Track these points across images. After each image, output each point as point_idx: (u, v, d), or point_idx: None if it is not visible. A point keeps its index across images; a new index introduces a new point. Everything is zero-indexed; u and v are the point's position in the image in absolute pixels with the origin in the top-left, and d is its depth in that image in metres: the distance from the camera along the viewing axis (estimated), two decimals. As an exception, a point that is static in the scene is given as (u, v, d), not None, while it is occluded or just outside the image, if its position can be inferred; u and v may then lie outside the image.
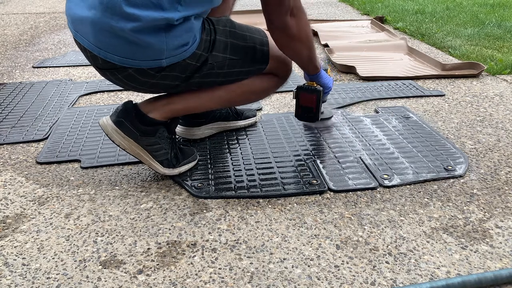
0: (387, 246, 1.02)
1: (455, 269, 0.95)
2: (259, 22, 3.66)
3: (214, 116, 1.57)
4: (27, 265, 0.98)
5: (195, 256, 1.00)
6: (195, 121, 1.54)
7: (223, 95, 1.33)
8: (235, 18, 1.36)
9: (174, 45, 1.11)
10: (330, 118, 1.65)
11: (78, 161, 1.42)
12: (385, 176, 1.29)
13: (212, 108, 1.38)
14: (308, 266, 0.96)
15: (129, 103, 1.23)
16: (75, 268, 0.97)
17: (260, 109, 1.82)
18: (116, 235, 1.07)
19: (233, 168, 1.35)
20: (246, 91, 1.36)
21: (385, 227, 1.09)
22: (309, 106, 1.47)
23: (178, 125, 1.55)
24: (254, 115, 1.68)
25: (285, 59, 1.36)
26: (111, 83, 1.41)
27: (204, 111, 1.43)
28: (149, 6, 1.06)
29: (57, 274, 0.95)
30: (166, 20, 1.07)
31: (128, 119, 1.21)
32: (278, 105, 1.87)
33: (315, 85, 1.45)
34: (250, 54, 1.28)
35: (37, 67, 2.45)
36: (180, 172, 1.32)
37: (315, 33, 3.03)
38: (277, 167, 1.35)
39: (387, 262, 0.97)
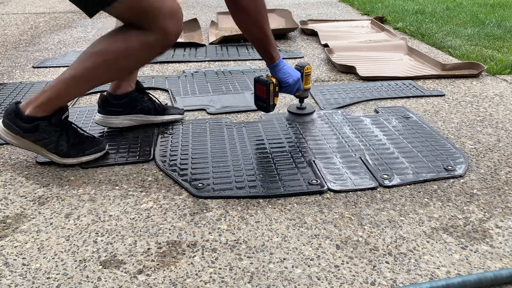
0: (387, 246, 1.02)
1: (455, 269, 0.95)
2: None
3: (134, 108, 1.59)
4: (27, 265, 0.98)
5: (195, 256, 1.00)
6: (112, 110, 1.57)
7: (78, 73, 1.24)
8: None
9: None
10: (311, 113, 1.68)
11: (78, 161, 1.42)
12: (385, 176, 1.29)
13: (84, 91, 1.32)
14: (308, 266, 0.96)
15: (12, 104, 1.30)
16: (75, 268, 0.97)
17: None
18: (116, 235, 1.07)
19: (233, 168, 1.35)
20: (105, 61, 1.22)
21: (385, 227, 1.09)
22: (261, 97, 1.53)
23: (97, 113, 1.59)
24: (180, 113, 1.70)
25: (153, 6, 1.11)
26: None
27: (78, 95, 1.36)
28: None
29: (57, 274, 0.95)
30: None
31: (10, 119, 1.28)
32: (278, 105, 1.87)
33: (271, 77, 1.51)
34: None
35: (37, 67, 2.45)
36: (80, 161, 1.37)
37: (315, 33, 3.03)
38: (277, 167, 1.35)
39: (387, 262, 0.97)
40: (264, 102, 1.53)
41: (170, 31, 1.19)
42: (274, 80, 1.50)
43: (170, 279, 0.93)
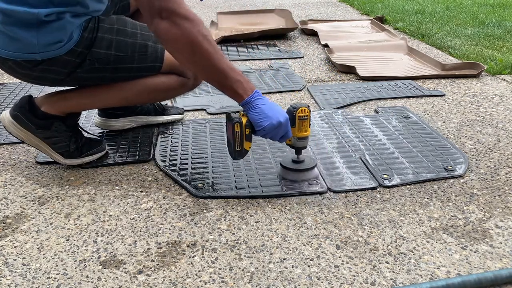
0: (387, 246, 1.02)
1: (455, 269, 0.95)
2: (259, 22, 3.66)
3: (134, 110, 1.60)
4: (27, 265, 0.98)
5: (195, 256, 1.00)
6: (113, 113, 1.58)
7: (118, 93, 1.36)
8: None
9: (46, 41, 1.16)
10: (311, 169, 1.29)
11: (78, 161, 1.42)
12: (385, 176, 1.29)
13: (109, 105, 1.44)
14: (308, 266, 0.96)
15: (25, 97, 1.30)
16: (75, 268, 0.97)
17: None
18: (116, 235, 1.07)
19: (233, 169, 1.35)
20: (143, 90, 1.37)
21: (385, 227, 1.09)
22: (228, 137, 1.21)
23: (97, 116, 1.60)
24: (180, 113, 1.71)
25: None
26: None
27: (101, 107, 1.52)
28: (17, 1, 1.12)
29: (57, 274, 0.95)
30: (34, 15, 1.12)
31: (22, 112, 1.28)
32: (278, 105, 1.87)
33: (242, 115, 1.18)
34: (140, 51, 1.30)
35: (37, 67, 2.45)
36: (83, 162, 1.37)
37: (315, 33, 3.03)
38: (277, 167, 1.35)
39: (387, 262, 0.97)
40: (229, 145, 1.21)
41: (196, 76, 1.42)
42: (244, 119, 1.16)
43: (170, 279, 0.93)
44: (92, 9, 1.21)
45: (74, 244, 1.04)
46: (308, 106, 1.23)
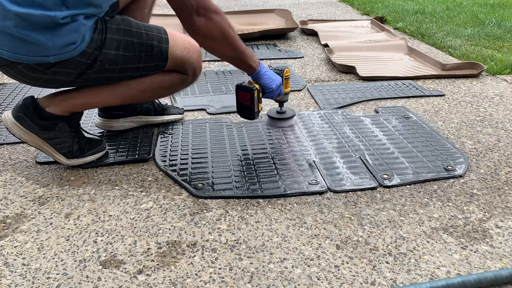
0: (387, 246, 1.02)
1: (455, 269, 0.95)
2: (259, 22, 3.66)
3: (134, 110, 1.61)
4: (27, 265, 0.98)
5: (195, 256, 1.00)
6: (113, 113, 1.58)
7: (123, 91, 1.37)
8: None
9: (61, 44, 1.16)
10: (291, 117, 1.65)
11: (78, 161, 1.42)
12: (385, 176, 1.29)
13: (114, 104, 1.44)
14: (308, 266, 0.96)
15: (28, 98, 1.30)
16: (75, 268, 0.97)
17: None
18: (116, 235, 1.07)
19: (233, 168, 1.35)
20: (147, 88, 1.39)
21: (385, 227, 1.09)
22: (245, 104, 1.48)
23: (97, 117, 1.60)
24: (180, 113, 1.71)
25: (188, 58, 1.40)
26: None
27: (106, 106, 1.53)
28: (32, 4, 1.11)
29: (57, 274, 0.95)
30: (50, 18, 1.12)
31: (26, 113, 1.28)
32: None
33: (254, 84, 1.45)
34: (146, 51, 1.32)
35: (37, 67, 2.45)
36: (85, 162, 1.38)
37: (315, 33, 3.03)
38: (277, 167, 1.35)
39: (387, 262, 0.97)
40: (248, 109, 1.48)
41: (197, 73, 1.48)
42: (257, 86, 1.45)
43: (170, 279, 0.93)
44: (104, 10, 1.22)
45: (74, 244, 1.04)
46: (288, 67, 1.52)
